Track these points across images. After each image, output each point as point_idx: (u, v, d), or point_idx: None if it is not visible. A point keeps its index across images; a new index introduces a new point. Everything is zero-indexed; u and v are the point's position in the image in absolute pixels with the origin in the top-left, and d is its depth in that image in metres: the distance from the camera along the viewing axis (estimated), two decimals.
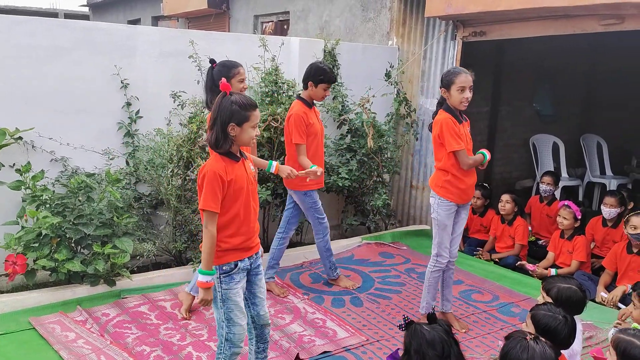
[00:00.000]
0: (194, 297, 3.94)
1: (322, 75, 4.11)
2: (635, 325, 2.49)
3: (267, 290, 4.19)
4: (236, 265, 2.73)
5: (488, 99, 7.09)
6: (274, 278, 4.43)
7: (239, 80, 3.62)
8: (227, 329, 2.77)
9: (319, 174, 3.80)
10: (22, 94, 4.23)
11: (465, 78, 3.57)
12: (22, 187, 4.06)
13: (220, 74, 3.55)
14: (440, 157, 3.75)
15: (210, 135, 2.62)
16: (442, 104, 3.75)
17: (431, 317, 2.23)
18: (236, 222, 2.69)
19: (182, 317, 3.90)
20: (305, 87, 4.19)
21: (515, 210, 5.37)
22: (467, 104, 3.62)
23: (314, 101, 4.26)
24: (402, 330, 2.25)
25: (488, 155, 3.83)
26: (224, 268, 2.70)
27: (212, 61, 3.69)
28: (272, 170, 3.71)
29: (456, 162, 3.68)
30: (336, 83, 5.69)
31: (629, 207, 5.27)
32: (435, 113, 3.78)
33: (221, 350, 2.81)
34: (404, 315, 2.33)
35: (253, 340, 3.04)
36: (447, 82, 3.62)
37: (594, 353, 3.14)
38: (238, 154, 2.70)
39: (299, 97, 4.26)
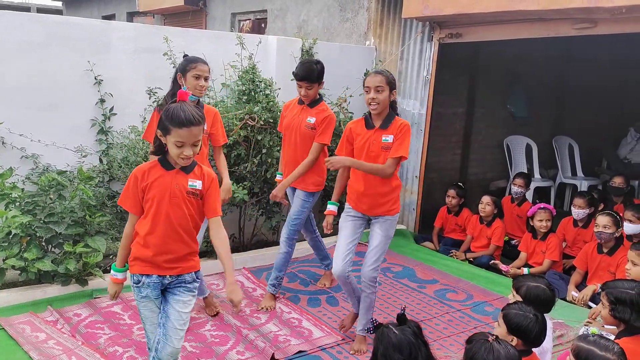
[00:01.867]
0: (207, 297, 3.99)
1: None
2: (593, 330, 2.52)
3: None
4: (142, 278, 2.57)
5: (463, 101, 7.17)
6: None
7: (194, 76, 3.45)
8: (146, 339, 2.69)
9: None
10: None
11: (372, 78, 3.35)
12: None
13: (180, 66, 3.53)
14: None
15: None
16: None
17: (401, 318, 2.21)
18: (147, 232, 2.54)
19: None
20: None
21: (495, 212, 5.43)
22: (376, 106, 3.35)
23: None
24: (371, 333, 2.24)
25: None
26: (133, 277, 2.60)
27: (184, 56, 3.63)
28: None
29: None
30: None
31: (600, 208, 5.38)
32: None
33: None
34: (372, 318, 2.32)
35: None
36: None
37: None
38: (172, 163, 2.53)
39: None
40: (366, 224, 3.63)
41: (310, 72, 3.91)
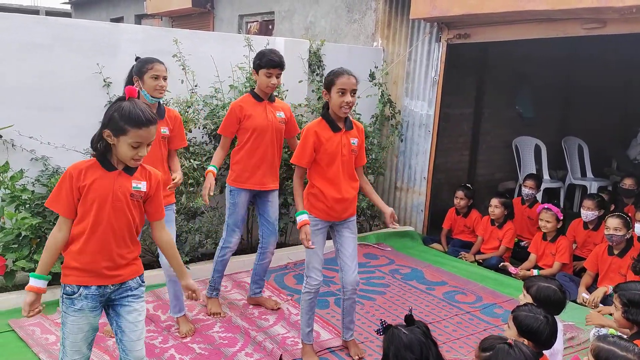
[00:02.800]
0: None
1: (259, 59, 3.72)
2: (611, 330, 2.50)
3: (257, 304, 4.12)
4: (78, 289, 2.35)
5: (471, 101, 7.14)
6: (260, 293, 4.22)
7: (152, 77, 3.31)
8: (62, 354, 2.43)
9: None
10: (1, 91, 4.15)
11: (348, 80, 3.18)
12: (1, 187, 3.99)
13: (135, 69, 3.37)
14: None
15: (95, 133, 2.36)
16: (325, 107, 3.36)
17: (409, 319, 2.20)
18: (85, 238, 2.33)
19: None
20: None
21: (505, 213, 5.39)
22: (348, 110, 3.22)
23: (271, 94, 3.86)
24: (380, 334, 2.23)
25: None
26: (66, 288, 2.37)
27: (136, 58, 3.49)
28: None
29: (313, 173, 3.31)
30: (321, 83, 5.69)
31: (611, 210, 5.34)
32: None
33: None
34: (381, 319, 2.31)
35: None
36: (327, 83, 3.25)
37: None
38: (114, 164, 2.36)
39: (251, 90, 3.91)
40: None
41: (283, 58, 3.76)
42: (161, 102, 3.48)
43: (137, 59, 3.47)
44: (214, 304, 4.01)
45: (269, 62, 3.67)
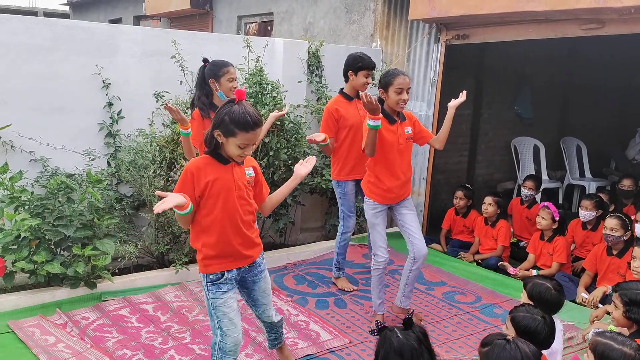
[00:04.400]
0: None
1: (360, 62, 4.18)
2: (611, 327, 2.51)
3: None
4: (223, 275, 2.67)
5: (470, 102, 7.15)
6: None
7: (228, 80, 3.66)
8: (219, 337, 2.72)
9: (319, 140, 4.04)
10: (0, 93, 4.14)
11: (404, 80, 3.60)
12: (1, 188, 3.98)
13: (210, 72, 3.64)
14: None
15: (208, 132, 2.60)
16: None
17: (407, 323, 2.19)
18: (217, 228, 2.60)
19: None
20: (347, 79, 4.29)
21: (498, 212, 5.42)
22: (404, 105, 3.67)
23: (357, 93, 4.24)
24: (375, 335, 2.23)
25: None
26: (210, 277, 2.66)
27: (205, 60, 3.73)
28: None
29: (372, 163, 3.74)
30: (320, 84, 5.70)
31: (610, 210, 5.35)
32: None
33: (214, 357, 2.78)
34: (377, 320, 2.30)
35: (264, 328, 3.14)
36: (385, 83, 3.66)
37: None
38: (226, 157, 2.60)
39: (340, 91, 4.36)
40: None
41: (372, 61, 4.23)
42: None
43: (205, 60, 3.71)
44: (343, 282, 4.58)
45: (370, 64, 4.20)
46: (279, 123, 4.85)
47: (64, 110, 4.43)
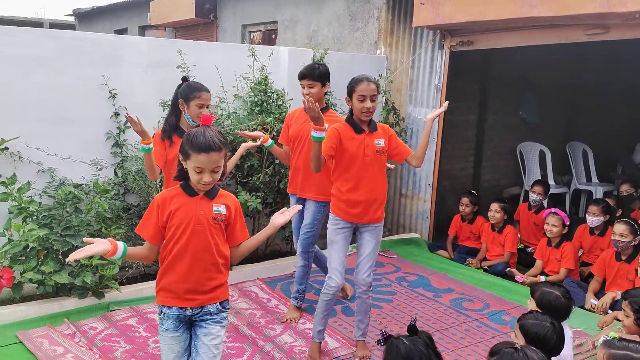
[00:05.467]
0: None
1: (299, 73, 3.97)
2: (612, 334, 2.48)
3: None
4: (163, 310, 2.45)
5: (475, 108, 7.15)
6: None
7: (197, 105, 3.37)
8: None
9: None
10: (8, 104, 4.18)
11: (368, 86, 3.29)
12: (9, 199, 4.01)
13: (182, 93, 3.41)
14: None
15: None
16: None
17: (412, 329, 2.18)
18: (170, 261, 2.42)
19: None
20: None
21: (504, 218, 5.40)
22: (370, 115, 3.33)
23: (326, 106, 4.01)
24: (381, 345, 2.20)
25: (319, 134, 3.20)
26: (158, 308, 2.50)
27: (184, 79, 3.51)
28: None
29: (336, 173, 3.41)
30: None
31: (617, 215, 5.33)
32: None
33: None
34: (381, 330, 2.29)
35: None
36: (349, 90, 3.39)
37: None
38: (195, 189, 2.43)
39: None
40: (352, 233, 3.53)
41: (312, 70, 3.87)
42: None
43: (184, 79, 3.51)
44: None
45: (298, 74, 3.94)
46: None
47: (71, 121, 4.46)
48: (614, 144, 8.08)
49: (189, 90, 3.40)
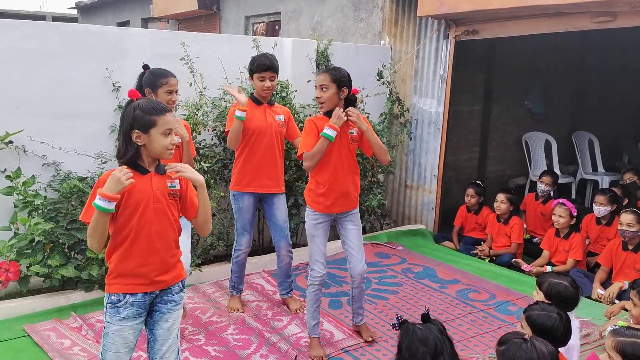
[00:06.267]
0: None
1: (251, 65, 3.79)
2: (621, 323, 2.47)
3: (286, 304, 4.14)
4: (124, 297, 2.33)
5: (480, 98, 7.11)
6: (287, 294, 4.22)
7: (166, 92, 3.30)
8: None
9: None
10: (12, 98, 4.17)
11: (317, 77, 3.40)
12: (14, 192, 4.01)
13: (148, 81, 3.31)
14: None
15: (118, 144, 2.38)
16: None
17: (425, 317, 2.20)
18: (128, 244, 2.31)
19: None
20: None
21: (510, 209, 5.37)
22: (322, 105, 3.35)
23: (270, 98, 3.92)
24: (396, 329, 2.23)
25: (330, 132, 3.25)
26: (111, 297, 2.34)
27: (145, 67, 3.39)
28: None
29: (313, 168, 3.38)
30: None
31: (624, 204, 5.30)
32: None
33: None
34: (397, 314, 2.31)
35: None
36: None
37: None
38: (147, 167, 2.35)
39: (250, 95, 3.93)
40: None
41: (276, 61, 3.83)
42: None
43: (145, 67, 3.38)
44: (234, 301, 4.13)
45: (259, 65, 3.73)
46: None
47: (75, 114, 4.45)
48: (620, 133, 8.03)
49: (154, 78, 3.31)
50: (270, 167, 3.87)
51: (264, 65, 3.72)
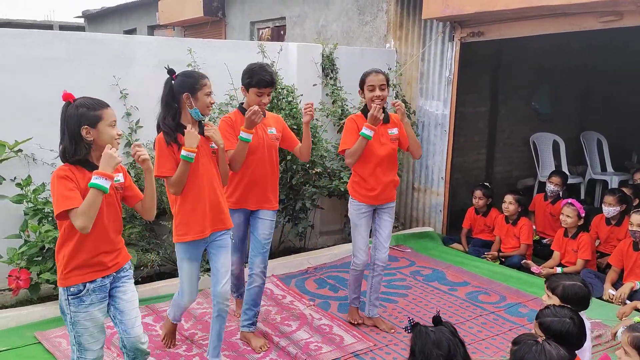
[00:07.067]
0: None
1: (249, 77, 3.43)
2: (637, 319, 2.46)
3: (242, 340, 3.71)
4: (84, 286, 2.46)
5: (487, 99, 7.09)
6: (249, 328, 3.73)
7: (206, 94, 3.05)
8: (77, 353, 2.53)
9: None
10: (21, 106, 4.21)
11: (376, 77, 3.62)
12: (24, 200, 4.04)
13: (184, 85, 3.01)
14: None
15: (60, 147, 2.48)
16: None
17: (437, 320, 2.21)
18: (81, 237, 2.42)
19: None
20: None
21: (519, 210, 5.35)
22: (381, 102, 3.57)
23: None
24: (408, 332, 2.24)
25: (369, 132, 3.52)
26: (71, 289, 2.45)
27: (170, 71, 3.09)
28: None
29: (356, 164, 3.69)
30: (335, 87, 5.67)
31: (634, 204, 5.26)
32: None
33: None
34: (409, 317, 2.31)
35: None
36: (360, 83, 3.71)
37: None
38: (96, 162, 2.45)
39: (239, 105, 3.63)
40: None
41: (275, 74, 3.62)
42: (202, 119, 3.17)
43: (170, 71, 3.08)
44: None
45: (261, 81, 3.39)
46: (295, 127, 4.85)
47: None
48: (629, 133, 7.98)
49: (192, 81, 3.04)
50: (261, 184, 3.57)
51: (265, 82, 3.40)
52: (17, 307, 4.05)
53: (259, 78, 3.40)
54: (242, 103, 3.60)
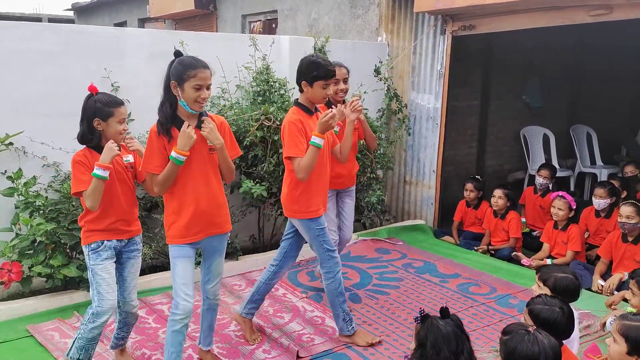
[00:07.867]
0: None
1: (316, 70, 3.29)
2: (629, 309, 2.50)
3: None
4: (103, 243, 2.92)
5: (478, 93, 7.12)
6: (252, 315, 3.70)
7: (194, 87, 2.76)
8: (96, 302, 2.91)
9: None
10: (11, 99, 4.18)
11: (340, 71, 3.66)
12: (15, 193, 4.02)
13: (175, 72, 2.77)
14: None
15: (79, 131, 2.93)
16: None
17: (444, 312, 2.23)
18: (104, 208, 2.89)
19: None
20: (301, 90, 3.41)
21: (507, 204, 5.39)
22: (344, 95, 3.77)
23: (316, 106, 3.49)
24: (418, 323, 2.27)
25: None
26: (91, 246, 2.92)
27: (177, 53, 2.84)
28: None
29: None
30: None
31: (622, 196, 5.32)
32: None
33: (85, 322, 2.95)
34: (420, 308, 2.34)
35: (116, 324, 3.25)
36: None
37: (589, 353, 3.17)
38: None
39: (296, 102, 3.49)
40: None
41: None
42: (203, 112, 2.93)
43: (177, 53, 2.84)
44: None
45: (328, 72, 3.30)
46: None
47: (75, 115, 4.37)
48: (618, 127, 8.05)
49: (181, 69, 2.73)
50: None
51: (332, 72, 3.32)
52: (9, 300, 4.04)
53: (326, 70, 3.28)
54: (297, 99, 3.48)
